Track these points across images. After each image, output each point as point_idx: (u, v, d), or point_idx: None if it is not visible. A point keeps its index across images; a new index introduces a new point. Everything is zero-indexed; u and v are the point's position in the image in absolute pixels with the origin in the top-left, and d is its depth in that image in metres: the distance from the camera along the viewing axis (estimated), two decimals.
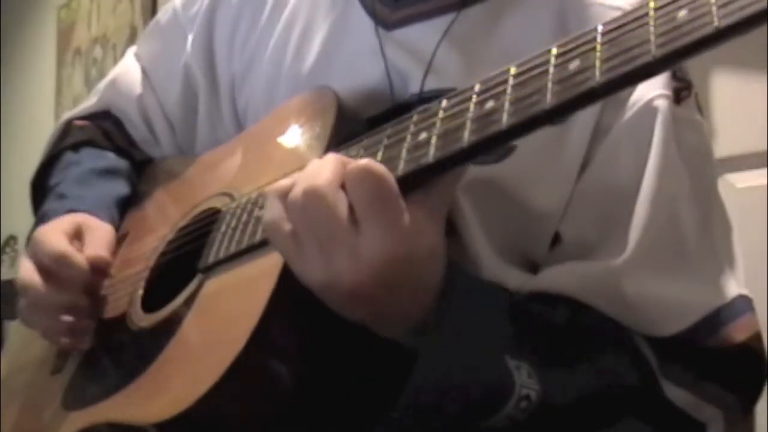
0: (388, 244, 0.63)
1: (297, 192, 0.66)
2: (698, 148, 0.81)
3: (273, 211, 0.67)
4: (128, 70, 1.08)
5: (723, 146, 0.86)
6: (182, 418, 0.69)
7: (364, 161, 0.64)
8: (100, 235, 0.91)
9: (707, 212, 0.80)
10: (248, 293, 0.73)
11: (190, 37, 1.01)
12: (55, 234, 0.88)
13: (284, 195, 0.66)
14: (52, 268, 0.86)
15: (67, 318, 0.85)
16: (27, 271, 0.87)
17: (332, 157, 0.67)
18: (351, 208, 0.64)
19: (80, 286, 0.86)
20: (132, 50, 1.12)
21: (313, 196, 0.64)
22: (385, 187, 0.63)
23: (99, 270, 0.88)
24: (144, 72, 1.07)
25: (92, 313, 0.88)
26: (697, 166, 0.80)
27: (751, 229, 0.86)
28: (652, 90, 0.78)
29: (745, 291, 0.79)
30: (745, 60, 1.29)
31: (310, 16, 0.92)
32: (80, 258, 0.86)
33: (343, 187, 0.64)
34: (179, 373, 0.74)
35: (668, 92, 0.79)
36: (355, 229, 0.63)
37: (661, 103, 0.78)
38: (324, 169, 0.65)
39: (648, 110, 0.78)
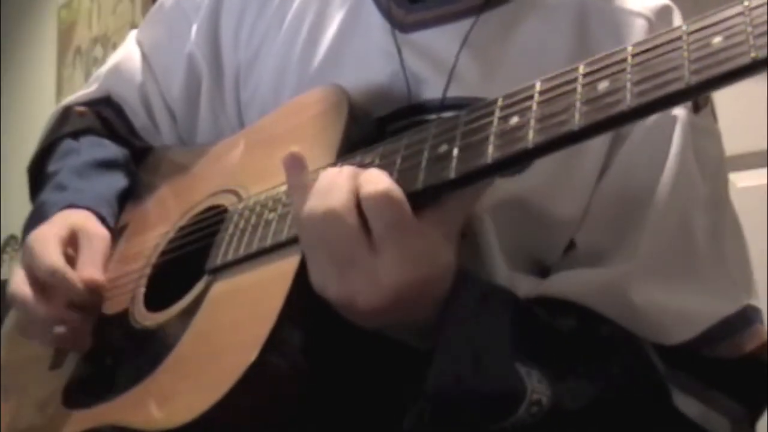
0: (406, 269, 0.63)
1: (313, 209, 0.66)
2: (714, 157, 0.81)
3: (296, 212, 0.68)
4: (130, 56, 1.06)
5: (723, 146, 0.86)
6: (192, 424, 0.68)
7: (383, 186, 0.64)
8: (95, 246, 0.88)
9: (719, 221, 0.80)
10: (261, 298, 0.72)
11: (194, 25, 0.99)
12: (50, 243, 0.86)
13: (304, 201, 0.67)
14: (46, 281, 0.84)
15: (59, 329, 0.84)
16: (18, 283, 0.85)
17: (346, 173, 0.67)
18: (368, 231, 0.64)
19: (72, 302, 0.84)
20: (133, 35, 1.09)
21: (330, 217, 0.65)
22: (405, 214, 0.64)
23: (92, 290, 0.85)
24: (145, 59, 1.05)
25: (87, 315, 0.86)
26: (712, 174, 0.80)
27: (751, 229, 0.86)
28: None
29: (754, 301, 0.79)
30: None
31: (321, 9, 0.91)
32: (74, 276, 0.84)
33: (358, 206, 0.65)
34: (189, 377, 0.73)
35: None
36: (373, 254, 0.64)
37: (681, 113, 0.78)
38: (339, 189, 0.65)
39: (668, 119, 0.78)
